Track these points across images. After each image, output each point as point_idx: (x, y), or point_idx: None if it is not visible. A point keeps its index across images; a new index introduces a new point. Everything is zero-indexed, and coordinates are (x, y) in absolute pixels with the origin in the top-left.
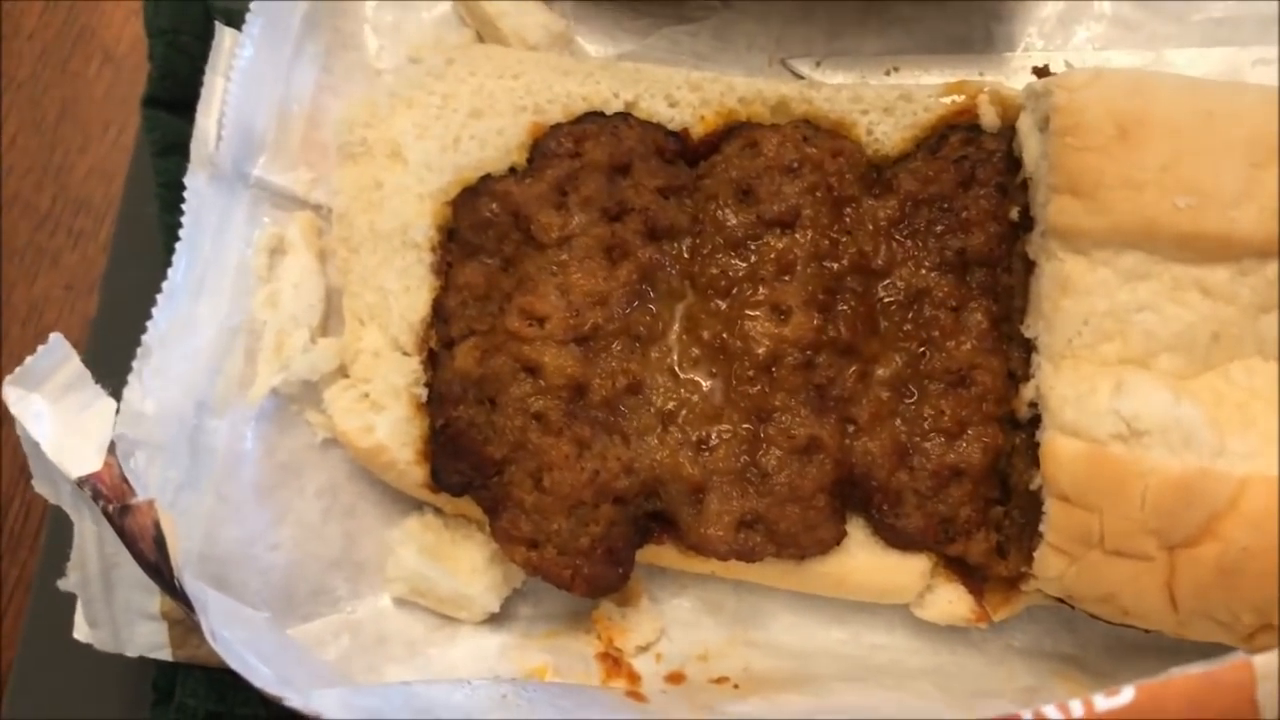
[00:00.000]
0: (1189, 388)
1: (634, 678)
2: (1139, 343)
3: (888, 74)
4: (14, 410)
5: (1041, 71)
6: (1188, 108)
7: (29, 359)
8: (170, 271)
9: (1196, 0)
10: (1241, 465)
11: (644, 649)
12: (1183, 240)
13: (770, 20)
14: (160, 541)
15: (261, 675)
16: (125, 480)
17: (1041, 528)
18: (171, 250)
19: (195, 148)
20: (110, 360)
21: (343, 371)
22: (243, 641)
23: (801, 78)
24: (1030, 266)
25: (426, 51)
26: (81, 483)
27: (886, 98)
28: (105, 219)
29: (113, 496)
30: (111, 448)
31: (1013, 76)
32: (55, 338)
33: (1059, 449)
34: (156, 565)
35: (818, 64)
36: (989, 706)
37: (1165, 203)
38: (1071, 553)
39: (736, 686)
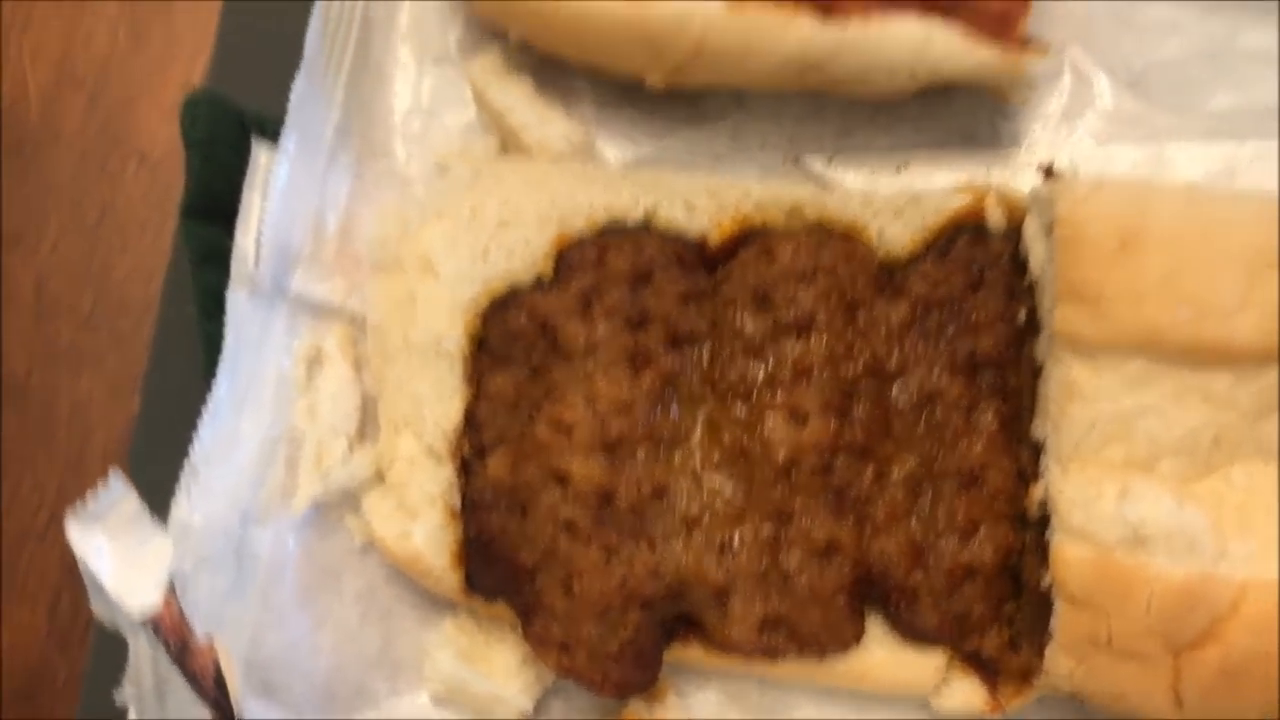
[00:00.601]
0: (1192, 491)
1: None
2: (1144, 446)
3: (898, 170)
4: (75, 546)
5: (1047, 169)
6: (1186, 219)
7: (90, 499)
8: (214, 388)
9: (1195, 94)
10: (1242, 569)
11: None
12: (1184, 349)
13: (783, 119)
14: (221, 682)
15: None
16: (185, 620)
17: (1051, 627)
18: (210, 355)
19: (235, 266)
20: (155, 456)
21: (379, 477)
22: None
23: (815, 174)
24: (1038, 368)
25: (454, 159)
26: (144, 623)
27: (896, 202)
28: (145, 319)
29: (173, 637)
30: (171, 587)
31: (1019, 172)
32: (114, 476)
33: (1067, 554)
34: (217, 701)
35: (830, 160)
36: None
37: (1166, 313)
38: (1079, 653)
39: None
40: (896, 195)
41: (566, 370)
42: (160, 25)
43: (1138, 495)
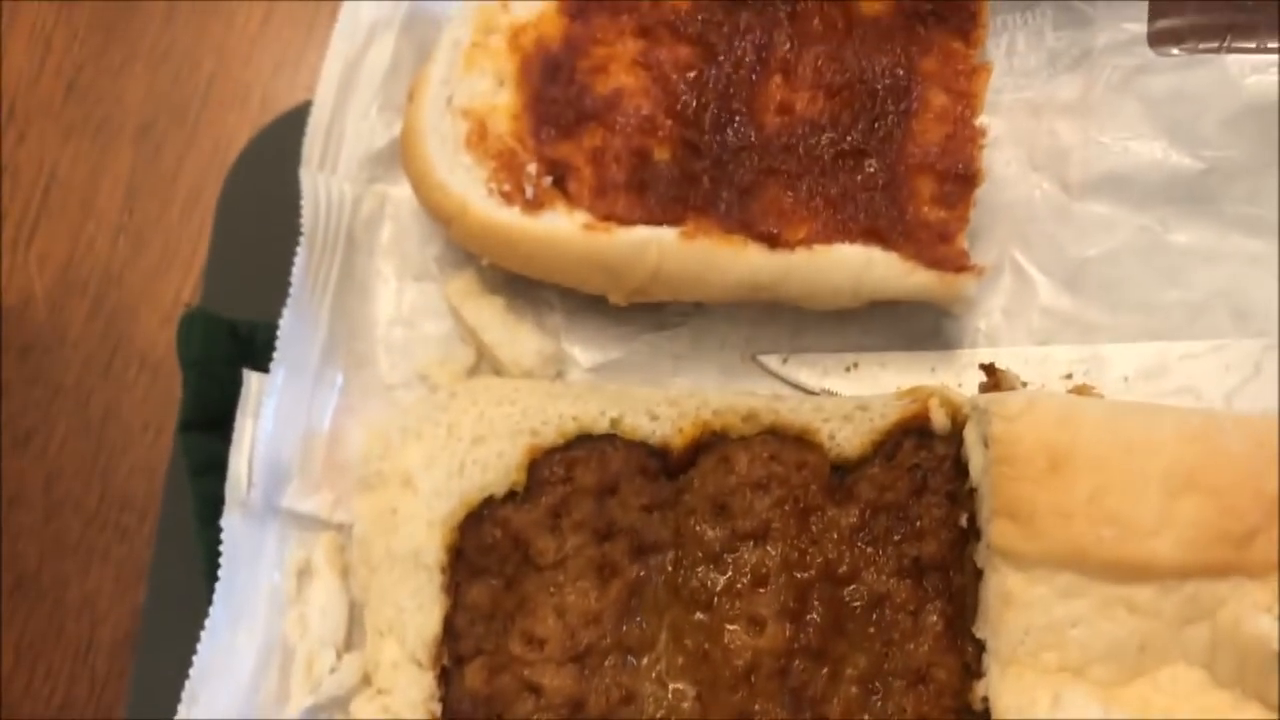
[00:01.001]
0: (1119, 696)
1: None
2: (1075, 653)
3: (848, 370)
4: None
5: (988, 369)
6: (1110, 440)
7: None
8: (211, 609)
9: (1128, 290)
10: None
11: None
12: (1108, 565)
13: (739, 322)
14: None
15: None
16: None
17: None
18: (209, 560)
19: (230, 490)
20: (159, 646)
21: (367, 681)
22: None
23: (772, 372)
24: (979, 570)
25: (434, 368)
26: None
27: (845, 407)
28: (148, 514)
29: None
30: None
31: (963, 371)
32: None
33: None
34: None
35: (784, 360)
36: None
37: (1092, 532)
38: None
39: None
40: (845, 401)
41: (538, 582)
42: (158, 234)
43: (1067, 703)
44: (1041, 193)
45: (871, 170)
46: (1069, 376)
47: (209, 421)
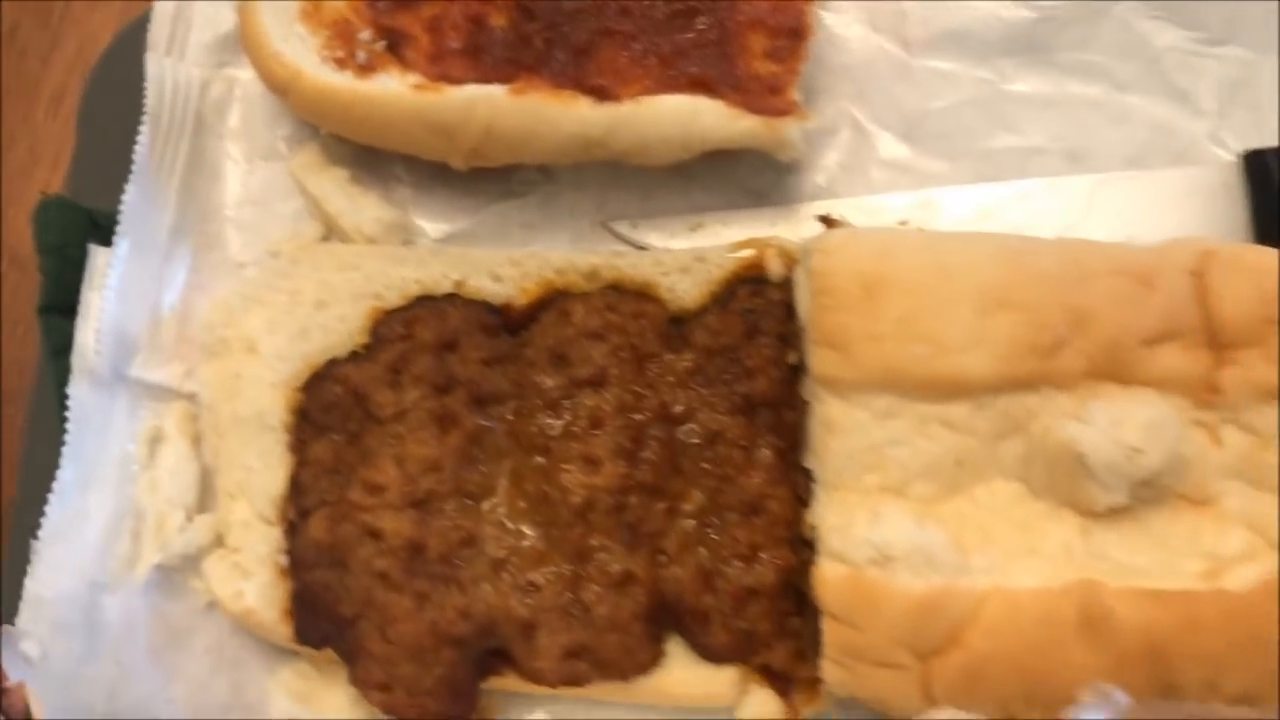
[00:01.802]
0: (937, 512)
1: None
2: (895, 473)
3: (693, 230)
4: None
5: (825, 219)
6: (924, 265)
7: None
8: (59, 472)
9: (964, 140)
10: (983, 580)
11: None
12: (922, 384)
13: (588, 188)
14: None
15: None
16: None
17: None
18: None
19: (75, 359)
20: (30, 531)
21: (220, 542)
22: None
23: (622, 237)
24: (807, 406)
25: (283, 244)
26: None
27: (683, 260)
28: (22, 406)
29: None
30: None
31: (802, 224)
32: None
33: (826, 574)
34: None
35: (634, 225)
36: None
37: (904, 352)
38: (844, 664)
39: None
40: (683, 254)
41: (379, 435)
42: (24, 134)
43: (884, 520)
44: (883, 53)
45: (703, 27)
46: (904, 222)
47: (69, 305)
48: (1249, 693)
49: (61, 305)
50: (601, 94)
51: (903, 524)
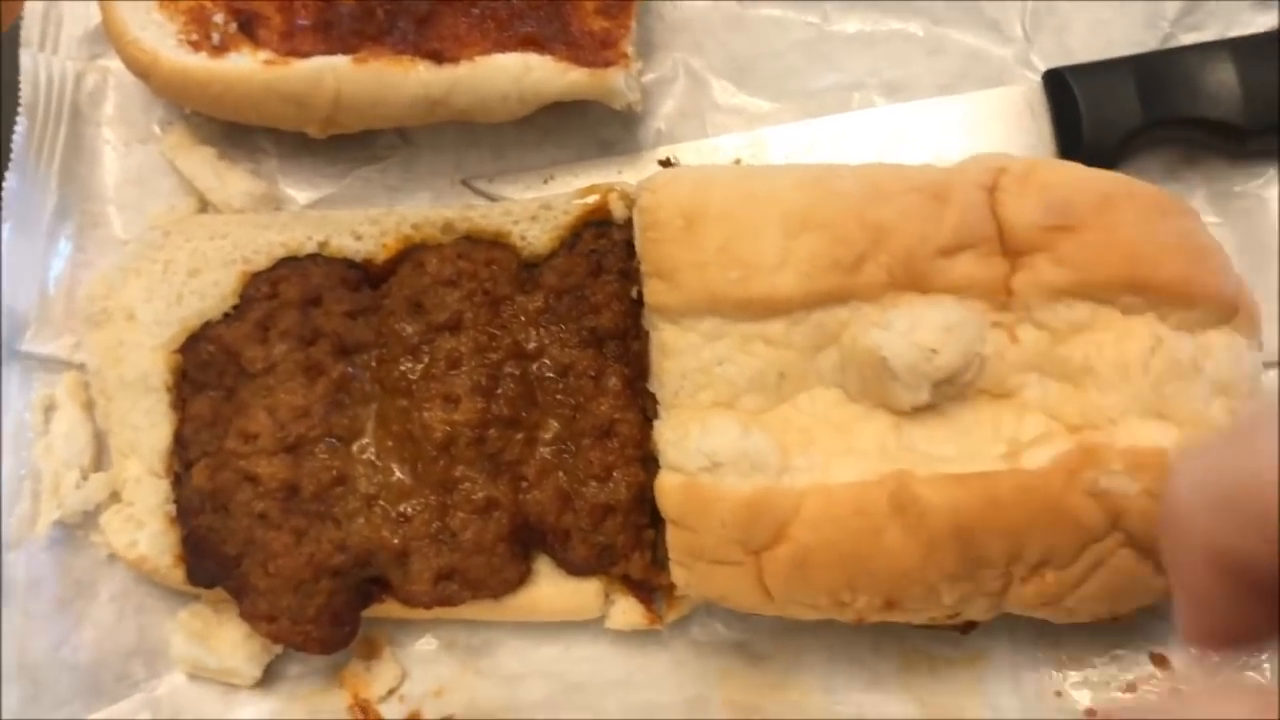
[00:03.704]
0: (763, 421)
1: None
2: (724, 389)
3: (546, 182)
4: None
5: (665, 163)
6: (736, 195)
7: None
8: None
9: (793, 80)
10: (804, 478)
11: (388, 694)
12: (740, 304)
13: (445, 149)
14: None
15: None
16: None
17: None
18: None
19: None
20: None
21: (116, 498)
22: None
23: (481, 192)
24: (648, 335)
25: (161, 219)
26: None
27: (531, 208)
28: None
29: None
30: None
31: (647, 170)
32: None
33: (665, 484)
34: None
35: (490, 181)
36: None
37: (723, 277)
38: (687, 565)
39: None
40: (530, 203)
41: (252, 388)
42: None
43: (712, 430)
44: (717, 6)
45: None
46: (738, 161)
47: None
48: (1046, 559)
49: None
50: (439, 57)
51: (729, 432)
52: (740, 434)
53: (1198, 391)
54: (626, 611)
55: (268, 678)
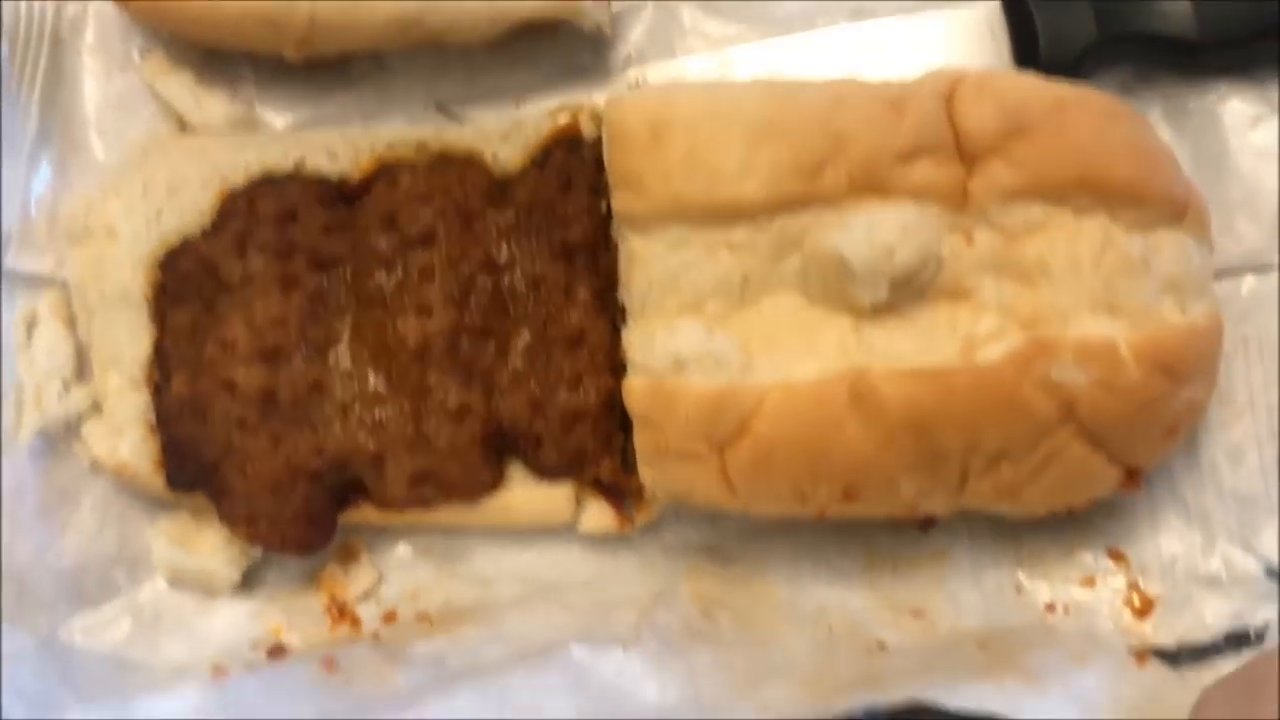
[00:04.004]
0: (726, 323)
1: (355, 622)
2: (689, 295)
3: (518, 106)
4: None
5: (633, 86)
6: (701, 107)
7: None
8: None
9: (756, 7)
10: (766, 376)
11: (365, 596)
12: (705, 211)
13: (419, 74)
14: None
15: None
16: None
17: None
18: None
19: None
20: None
21: (97, 410)
22: None
23: (455, 116)
24: (617, 246)
25: (139, 141)
26: None
27: (503, 127)
28: None
29: None
30: None
31: (615, 92)
32: None
33: (632, 385)
34: None
35: (463, 105)
36: (615, 617)
37: (688, 185)
38: (654, 463)
39: (431, 623)
40: (502, 121)
41: (230, 300)
42: None
43: (678, 332)
44: None
45: None
46: None
47: None
48: (1003, 450)
49: None
50: None
51: (694, 333)
52: (704, 335)
53: (1147, 288)
54: (597, 515)
55: (246, 583)
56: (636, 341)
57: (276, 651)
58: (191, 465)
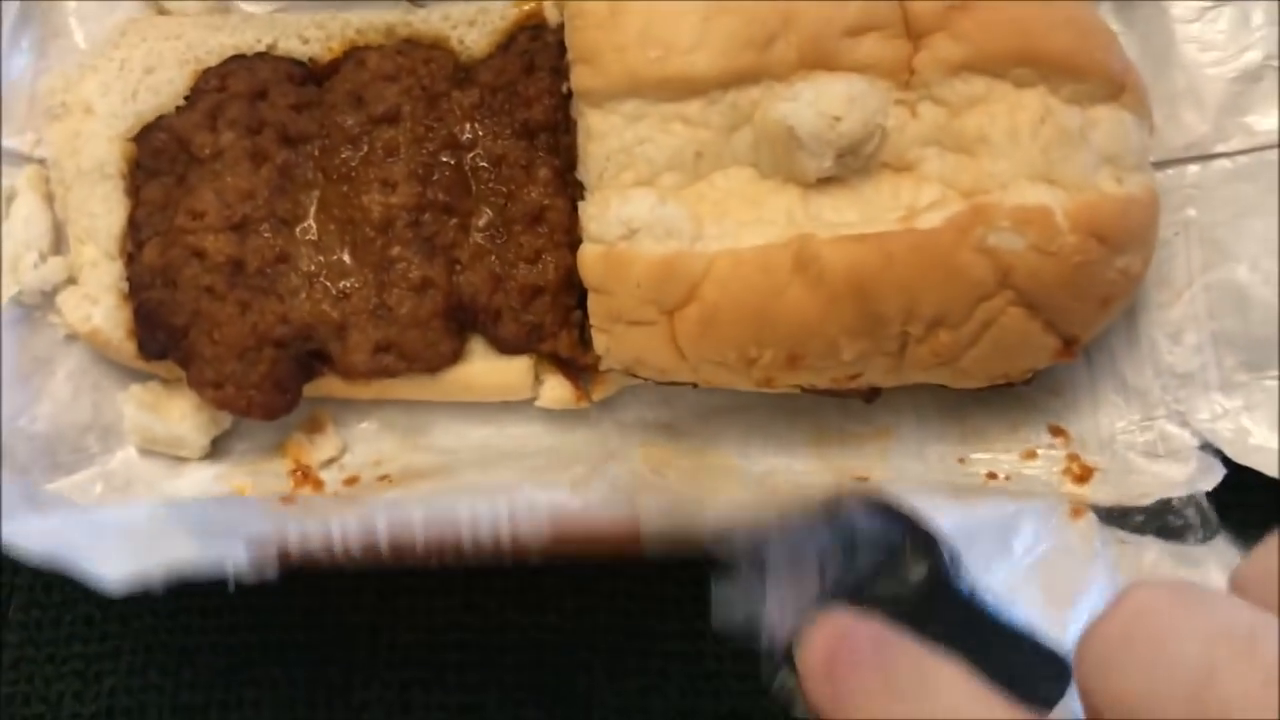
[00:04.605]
0: (679, 195)
1: (319, 484)
2: (644, 168)
3: None
4: None
5: None
6: None
7: None
8: None
9: None
10: (715, 245)
11: (328, 463)
12: (659, 84)
13: None
14: None
15: None
16: None
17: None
18: None
19: None
20: None
21: (73, 281)
22: None
23: (421, 4)
24: (577, 125)
25: (117, 28)
26: None
27: (469, 13)
28: None
29: None
30: None
31: None
32: None
33: (586, 255)
34: None
35: None
36: (569, 473)
37: (642, 58)
38: (607, 329)
39: (391, 481)
40: (469, 6)
41: (201, 173)
42: None
43: (631, 201)
44: None
45: None
46: None
47: None
48: (940, 315)
49: None
50: None
51: (646, 201)
52: (656, 203)
53: (1084, 159)
54: (555, 389)
55: (215, 452)
56: (592, 212)
57: None
58: (162, 332)
